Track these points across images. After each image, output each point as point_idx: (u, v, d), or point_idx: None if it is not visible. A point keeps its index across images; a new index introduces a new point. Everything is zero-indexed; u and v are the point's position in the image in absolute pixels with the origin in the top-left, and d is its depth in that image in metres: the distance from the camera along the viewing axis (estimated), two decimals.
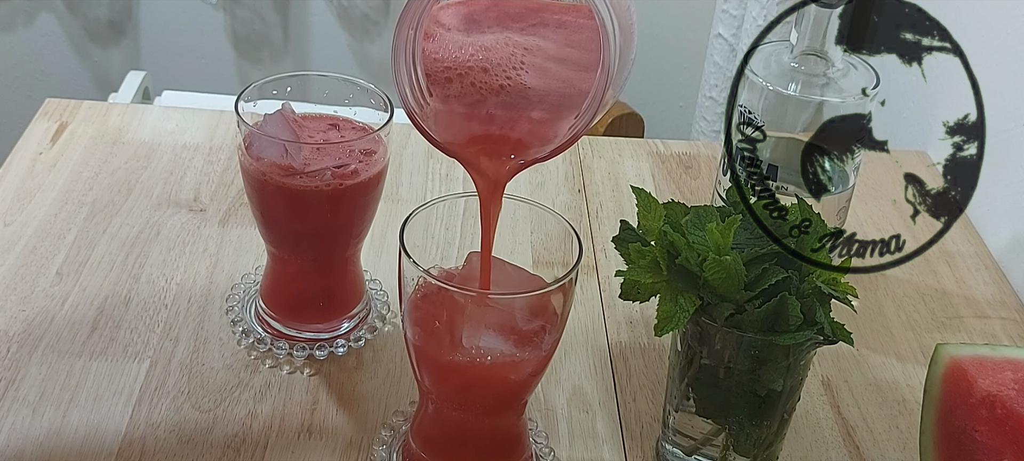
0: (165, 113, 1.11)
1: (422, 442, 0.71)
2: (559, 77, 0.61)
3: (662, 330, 0.64)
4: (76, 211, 0.95)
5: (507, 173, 0.62)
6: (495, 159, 0.61)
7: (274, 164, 0.74)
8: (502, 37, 0.61)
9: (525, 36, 0.61)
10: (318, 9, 1.84)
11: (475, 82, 0.60)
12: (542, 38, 0.61)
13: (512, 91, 0.60)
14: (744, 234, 0.66)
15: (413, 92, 0.59)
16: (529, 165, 0.62)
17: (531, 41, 0.60)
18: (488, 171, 0.62)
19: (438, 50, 0.60)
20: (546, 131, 0.60)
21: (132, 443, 0.73)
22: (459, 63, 0.60)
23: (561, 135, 0.60)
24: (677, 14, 1.79)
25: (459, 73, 0.60)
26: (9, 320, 0.82)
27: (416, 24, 0.57)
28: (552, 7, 0.62)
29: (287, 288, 0.82)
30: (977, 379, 0.68)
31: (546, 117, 0.60)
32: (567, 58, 0.61)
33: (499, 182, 0.62)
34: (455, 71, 0.60)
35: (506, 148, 0.61)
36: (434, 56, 0.60)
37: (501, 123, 0.61)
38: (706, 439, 0.71)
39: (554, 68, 0.61)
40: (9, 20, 1.84)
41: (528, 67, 0.60)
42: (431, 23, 0.60)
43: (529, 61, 0.60)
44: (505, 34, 0.61)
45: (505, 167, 0.61)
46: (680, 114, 1.88)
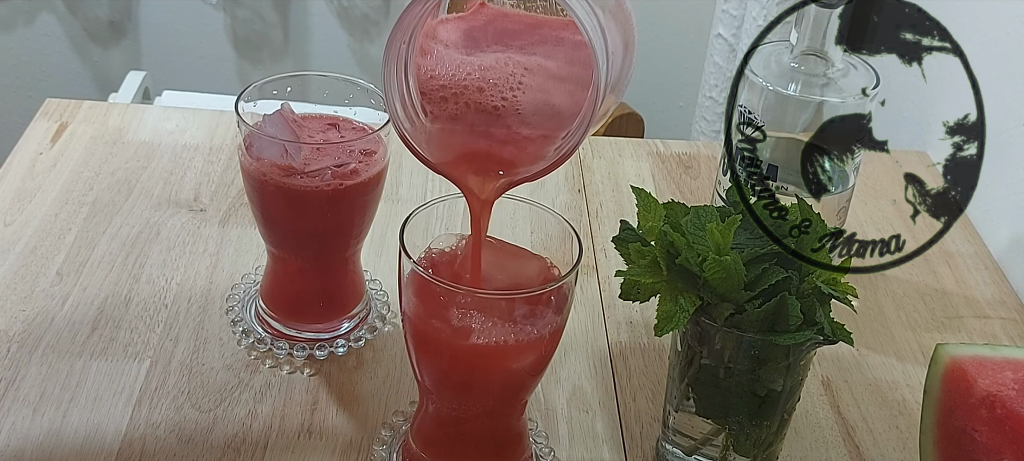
0: (165, 113, 1.11)
1: (422, 442, 0.71)
2: (556, 96, 0.60)
3: (662, 330, 0.64)
4: (76, 211, 0.95)
5: (496, 191, 0.61)
6: (484, 177, 0.60)
7: (274, 164, 0.74)
8: (502, 57, 0.60)
9: (525, 55, 0.60)
10: (318, 9, 1.84)
11: (470, 101, 0.59)
12: (543, 56, 0.60)
13: (507, 111, 0.60)
14: (744, 234, 0.66)
15: (405, 108, 0.58)
16: (519, 184, 0.61)
17: (532, 61, 0.60)
18: (476, 189, 0.61)
19: (435, 67, 0.59)
20: (537, 150, 0.59)
21: (132, 443, 0.73)
22: (456, 82, 0.59)
23: (550, 155, 0.59)
24: (677, 14, 1.79)
25: (455, 92, 0.59)
26: (9, 320, 0.82)
27: (408, 38, 0.55)
28: (550, 22, 0.62)
29: (287, 288, 0.82)
30: (977, 379, 0.68)
31: (538, 135, 0.59)
32: (567, 76, 0.60)
33: (488, 201, 0.62)
34: (451, 90, 0.59)
35: (495, 166, 0.60)
36: (430, 73, 0.59)
37: (492, 142, 0.60)
38: (706, 439, 0.71)
39: (553, 87, 0.60)
40: (9, 20, 1.84)
41: (526, 87, 0.59)
42: (428, 39, 0.59)
43: (528, 81, 0.59)
44: (505, 53, 0.60)
45: (494, 184, 0.61)
46: (680, 114, 1.88)
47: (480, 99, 0.59)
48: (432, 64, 0.59)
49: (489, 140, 0.60)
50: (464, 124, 0.59)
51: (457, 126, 0.59)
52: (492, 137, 0.60)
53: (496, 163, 0.60)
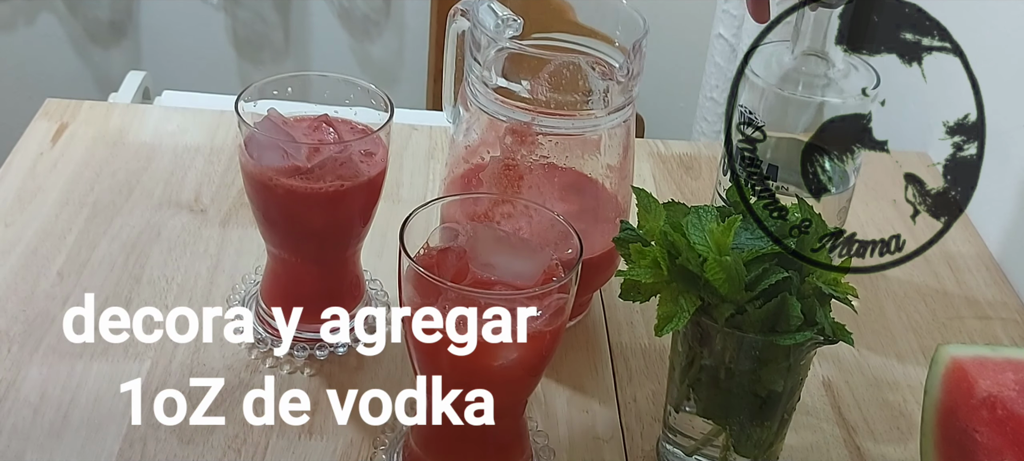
0: (166, 114, 1.11)
1: (422, 442, 0.71)
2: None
3: (662, 330, 0.64)
4: (77, 212, 0.95)
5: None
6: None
7: (275, 167, 0.74)
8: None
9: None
10: (319, 9, 1.84)
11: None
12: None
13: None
14: (744, 234, 0.66)
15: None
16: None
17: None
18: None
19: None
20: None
21: (132, 443, 0.73)
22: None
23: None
24: (677, 14, 1.79)
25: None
26: (10, 321, 0.82)
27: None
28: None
29: (287, 288, 0.82)
30: (978, 380, 0.68)
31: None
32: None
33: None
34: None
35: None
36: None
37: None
38: (706, 439, 0.71)
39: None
40: (10, 20, 1.84)
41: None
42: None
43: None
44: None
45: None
46: (680, 114, 1.88)
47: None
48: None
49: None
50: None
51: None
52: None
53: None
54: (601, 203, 0.83)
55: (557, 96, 0.76)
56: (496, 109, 0.78)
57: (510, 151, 0.79)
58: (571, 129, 0.78)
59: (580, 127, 0.78)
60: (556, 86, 0.75)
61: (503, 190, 0.79)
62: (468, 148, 0.82)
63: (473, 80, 0.79)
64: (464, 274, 0.65)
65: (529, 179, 0.79)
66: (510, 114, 0.77)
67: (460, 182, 0.83)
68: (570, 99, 0.76)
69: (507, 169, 0.79)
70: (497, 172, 0.79)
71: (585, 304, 0.88)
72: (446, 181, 0.85)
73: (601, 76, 0.76)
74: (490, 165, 0.79)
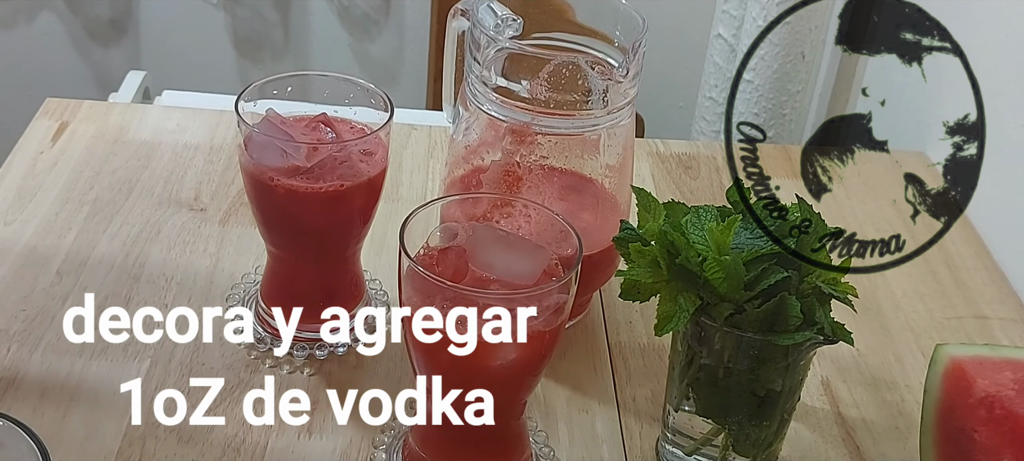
0: (166, 113, 1.11)
1: (422, 442, 0.71)
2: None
3: (662, 330, 0.64)
4: (77, 210, 0.95)
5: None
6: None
7: (274, 165, 0.74)
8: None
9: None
10: (319, 9, 1.84)
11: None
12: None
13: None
14: (744, 234, 0.66)
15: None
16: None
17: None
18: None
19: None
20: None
21: (132, 443, 0.73)
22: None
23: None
24: (677, 14, 1.79)
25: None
26: (9, 319, 0.82)
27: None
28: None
29: (287, 288, 0.82)
30: (976, 379, 0.68)
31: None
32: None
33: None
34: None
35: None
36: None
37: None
38: (706, 439, 0.71)
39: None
40: (10, 19, 1.84)
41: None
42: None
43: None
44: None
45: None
46: (680, 114, 1.88)
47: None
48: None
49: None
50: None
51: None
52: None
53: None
54: (601, 203, 0.83)
55: (557, 96, 0.76)
56: (496, 109, 0.78)
57: (510, 151, 0.79)
58: (571, 129, 0.78)
59: (579, 127, 0.78)
60: (556, 86, 0.75)
61: (503, 190, 0.79)
62: (468, 148, 0.82)
63: (473, 80, 0.79)
64: (464, 274, 0.65)
65: (528, 179, 0.79)
66: (510, 114, 0.77)
67: (460, 182, 0.83)
68: (569, 99, 0.76)
69: (507, 169, 0.79)
70: (497, 173, 0.79)
71: (585, 304, 0.88)
72: (446, 181, 0.85)
73: (600, 76, 0.76)
74: (491, 169, 0.80)
